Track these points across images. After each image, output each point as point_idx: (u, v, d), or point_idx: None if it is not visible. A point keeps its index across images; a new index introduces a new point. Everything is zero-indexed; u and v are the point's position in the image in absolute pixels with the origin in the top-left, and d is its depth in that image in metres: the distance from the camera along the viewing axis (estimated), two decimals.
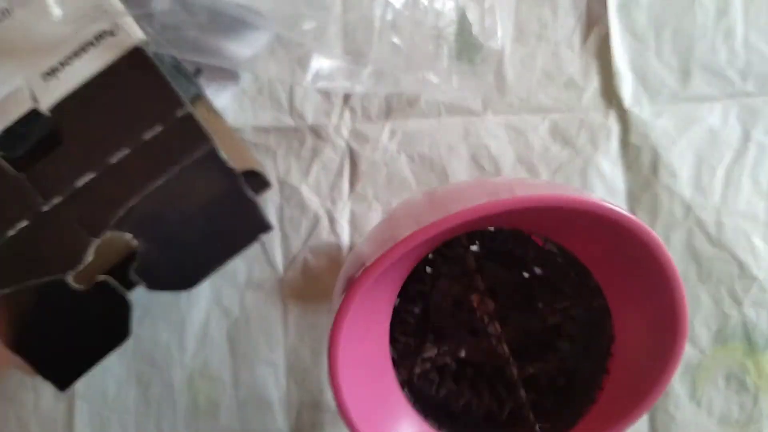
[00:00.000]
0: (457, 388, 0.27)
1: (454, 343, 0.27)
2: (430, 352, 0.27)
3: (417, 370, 0.26)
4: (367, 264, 0.20)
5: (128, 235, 0.33)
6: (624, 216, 0.20)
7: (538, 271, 0.27)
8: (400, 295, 0.26)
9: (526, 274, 0.28)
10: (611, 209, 0.20)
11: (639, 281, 0.23)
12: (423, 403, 0.26)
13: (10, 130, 0.32)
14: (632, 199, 0.39)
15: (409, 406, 0.26)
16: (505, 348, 0.26)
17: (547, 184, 0.25)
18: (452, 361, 0.27)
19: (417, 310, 0.27)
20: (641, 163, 0.39)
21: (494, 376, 0.27)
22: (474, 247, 0.27)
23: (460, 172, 0.40)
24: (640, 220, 0.20)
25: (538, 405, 0.26)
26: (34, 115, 0.32)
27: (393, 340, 0.26)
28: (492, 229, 0.26)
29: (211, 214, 0.34)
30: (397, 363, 0.26)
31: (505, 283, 0.27)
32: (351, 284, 0.21)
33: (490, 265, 0.27)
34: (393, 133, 0.40)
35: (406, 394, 0.26)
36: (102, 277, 0.33)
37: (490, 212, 0.19)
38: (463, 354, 0.27)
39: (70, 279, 0.32)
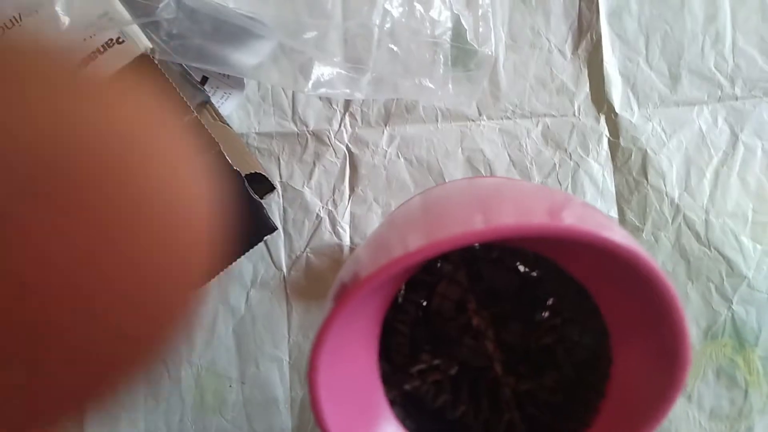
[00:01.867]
0: (453, 399, 0.24)
1: (452, 352, 0.25)
2: (424, 363, 0.24)
3: (407, 386, 0.24)
4: (359, 278, 0.18)
5: None
6: (625, 248, 0.18)
7: (536, 286, 0.25)
8: (394, 305, 0.24)
9: (524, 270, 0.25)
10: (612, 242, 0.18)
11: (640, 308, 0.20)
12: (415, 419, 0.24)
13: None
14: (622, 200, 0.38)
15: (399, 425, 0.23)
16: (499, 368, 0.24)
17: (539, 193, 0.22)
18: (444, 377, 0.25)
19: (412, 318, 0.25)
20: (631, 165, 0.38)
21: (492, 386, 0.25)
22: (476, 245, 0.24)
23: (457, 175, 0.39)
24: (641, 249, 0.18)
25: (536, 420, 0.24)
26: None
27: (386, 353, 0.24)
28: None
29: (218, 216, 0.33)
30: (387, 378, 0.24)
31: (507, 289, 0.25)
32: (339, 296, 0.19)
33: (491, 269, 0.25)
34: (392, 137, 0.39)
35: (396, 412, 0.24)
36: None
37: (482, 239, 0.17)
38: (454, 371, 0.24)
39: None
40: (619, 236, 0.18)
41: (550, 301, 0.24)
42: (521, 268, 0.24)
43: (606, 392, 0.23)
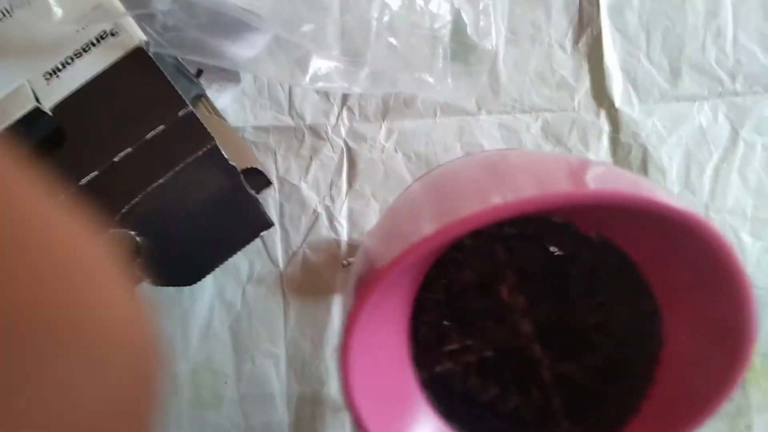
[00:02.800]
0: (483, 382, 0.23)
1: (480, 334, 0.23)
2: (454, 345, 0.23)
3: (438, 368, 0.23)
4: (376, 269, 0.17)
5: (132, 232, 0.31)
6: (684, 213, 0.16)
7: (574, 263, 0.23)
8: (424, 284, 0.23)
9: (558, 252, 0.23)
10: (667, 205, 0.15)
11: (699, 285, 0.18)
12: (445, 402, 0.23)
13: (11, 130, 0.30)
14: None
15: (430, 408, 0.22)
16: (537, 349, 0.23)
17: (555, 159, 0.21)
18: (476, 359, 0.23)
19: (442, 298, 0.23)
20: (631, 160, 0.38)
21: (523, 369, 0.23)
22: (508, 228, 0.23)
23: None
24: (704, 217, 0.16)
25: (571, 406, 0.22)
26: (36, 114, 0.30)
27: (415, 335, 0.23)
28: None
29: (214, 211, 0.32)
30: (418, 360, 0.23)
31: (540, 267, 0.23)
32: (359, 291, 0.18)
33: (523, 247, 0.23)
34: (390, 132, 0.39)
35: (428, 396, 0.23)
36: None
37: (512, 213, 0.15)
38: (489, 353, 0.23)
39: None
40: (672, 199, 0.16)
41: (589, 279, 0.23)
42: (555, 246, 0.23)
43: (655, 377, 0.21)
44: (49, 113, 0.31)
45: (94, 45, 0.31)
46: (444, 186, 0.20)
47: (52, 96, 0.31)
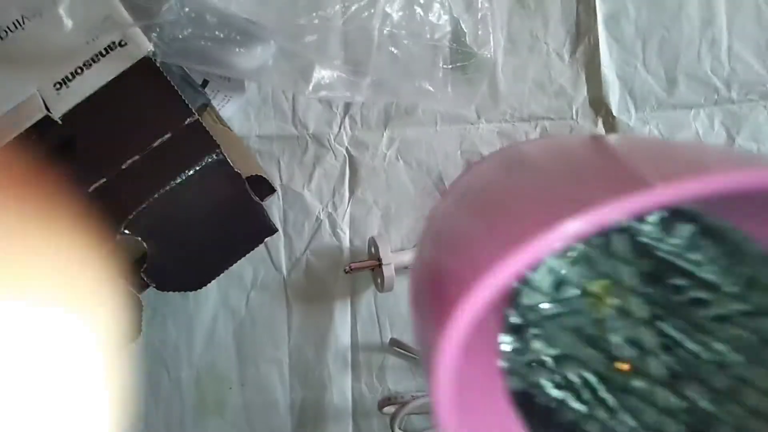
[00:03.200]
0: (573, 398, 0.21)
1: (581, 345, 0.21)
2: (544, 356, 0.21)
3: (528, 382, 0.21)
4: (466, 292, 0.15)
5: (139, 238, 0.32)
6: None
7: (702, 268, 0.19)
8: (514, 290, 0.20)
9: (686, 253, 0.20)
10: None
11: None
12: (534, 418, 0.21)
13: (22, 138, 0.31)
14: None
15: (519, 424, 0.20)
16: (655, 365, 0.19)
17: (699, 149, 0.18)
18: (575, 374, 0.21)
19: (533, 305, 0.21)
20: None
21: (617, 385, 0.21)
22: None
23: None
24: None
25: None
26: (46, 123, 0.31)
27: (504, 349, 0.21)
28: None
29: (219, 217, 0.33)
30: (507, 373, 0.21)
31: (665, 272, 0.20)
32: (447, 320, 0.15)
33: (642, 248, 0.20)
34: (391, 140, 0.39)
35: (516, 410, 0.20)
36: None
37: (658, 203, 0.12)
38: (587, 367, 0.20)
39: None
40: None
41: (718, 289, 0.19)
42: (681, 247, 0.19)
43: None
44: (59, 122, 0.31)
45: (103, 55, 0.32)
46: (501, 193, 0.18)
47: (62, 105, 0.31)
